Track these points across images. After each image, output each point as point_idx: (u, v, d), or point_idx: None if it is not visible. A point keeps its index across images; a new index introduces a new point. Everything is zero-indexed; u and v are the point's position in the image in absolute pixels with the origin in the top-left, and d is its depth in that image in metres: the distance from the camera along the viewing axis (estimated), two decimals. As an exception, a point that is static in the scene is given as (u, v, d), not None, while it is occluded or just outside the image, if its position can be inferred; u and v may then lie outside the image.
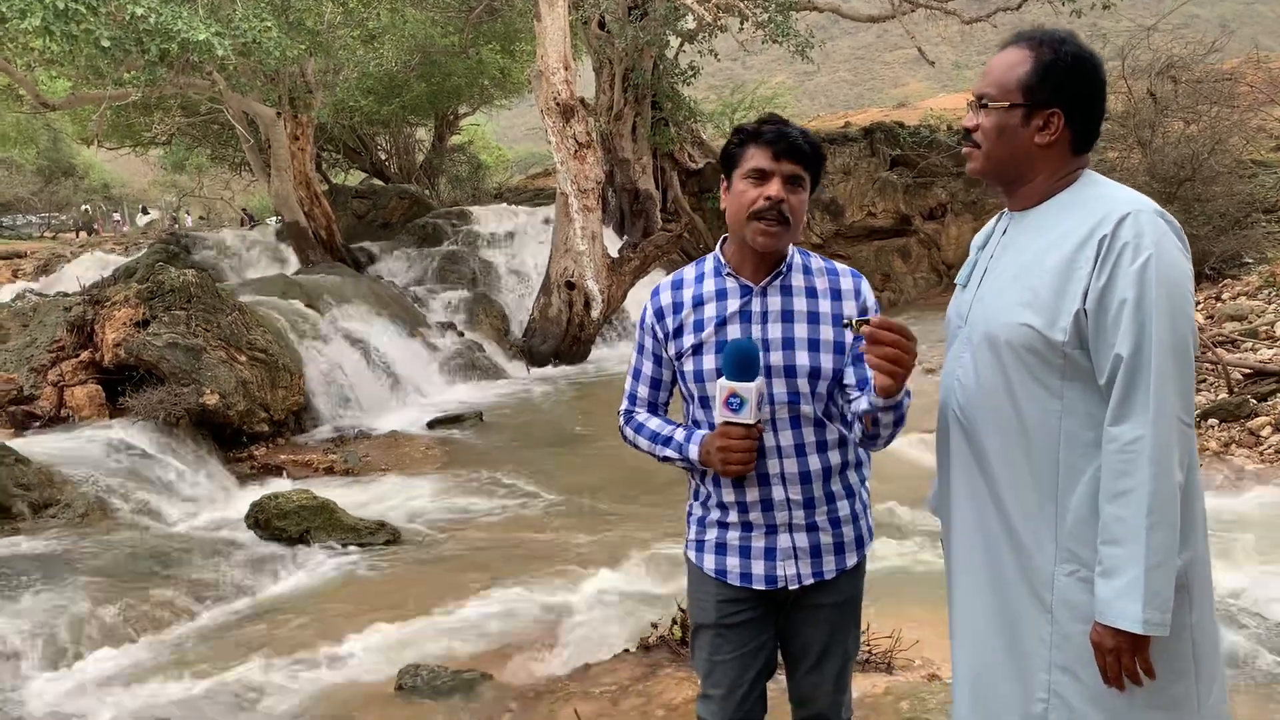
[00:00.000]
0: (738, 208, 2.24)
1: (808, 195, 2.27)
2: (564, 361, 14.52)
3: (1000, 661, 2.02)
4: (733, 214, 2.26)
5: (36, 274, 20.84)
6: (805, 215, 2.29)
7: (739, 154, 2.26)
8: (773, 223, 2.20)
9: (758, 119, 2.30)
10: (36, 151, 35.70)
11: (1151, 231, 1.84)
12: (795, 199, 2.22)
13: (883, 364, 1.97)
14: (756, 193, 2.20)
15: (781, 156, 2.20)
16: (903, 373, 1.98)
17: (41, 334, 9.59)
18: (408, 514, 7.40)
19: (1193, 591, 1.89)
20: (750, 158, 2.23)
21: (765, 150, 2.21)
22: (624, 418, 2.49)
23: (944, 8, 18.13)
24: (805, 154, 2.22)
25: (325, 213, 17.48)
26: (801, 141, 2.22)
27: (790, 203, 2.20)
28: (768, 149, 2.21)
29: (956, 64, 67.88)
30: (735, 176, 2.26)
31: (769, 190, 2.19)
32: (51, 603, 5.43)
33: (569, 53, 13.88)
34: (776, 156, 2.20)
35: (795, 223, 2.23)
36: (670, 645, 4.40)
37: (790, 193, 2.21)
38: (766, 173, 2.21)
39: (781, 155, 2.20)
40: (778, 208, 2.19)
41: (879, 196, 20.44)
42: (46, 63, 13.46)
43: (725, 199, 2.31)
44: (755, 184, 2.21)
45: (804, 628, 2.37)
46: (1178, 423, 1.81)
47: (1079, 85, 1.95)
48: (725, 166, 2.32)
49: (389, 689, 4.41)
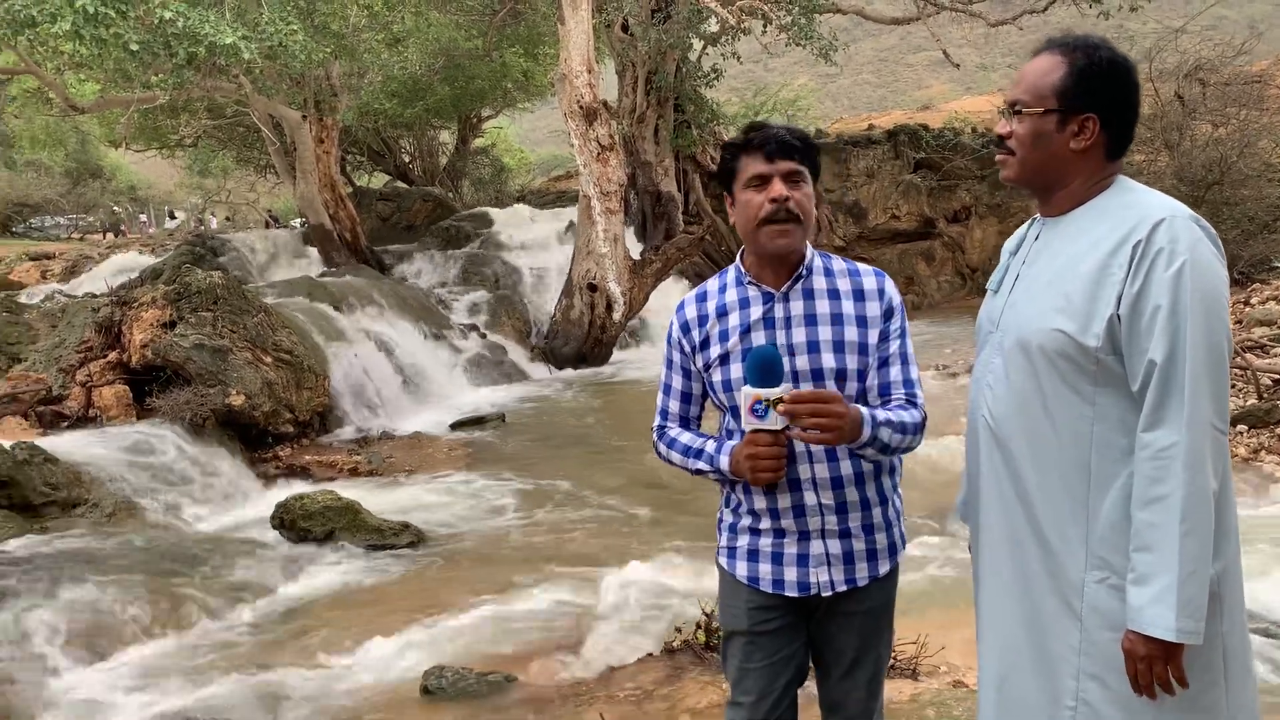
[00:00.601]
0: (746, 218, 2.26)
1: (811, 188, 2.29)
2: (586, 363, 14.54)
3: (1027, 668, 2.01)
4: (744, 225, 2.28)
5: (65, 275, 21.02)
6: (814, 209, 2.31)
7: (734, 167, 2.29)
8: (784, 222, 2.22)
9: (742, 130, 2.33)
10: (65, 154, 36.04)
11: (1186, 237, 1.82)
12: (800, 194, 2.24)
13: (811, 434, 2.11)
14: (761, 198, 2.22)
15: (775, 157, 2.23)
16: (834, 433, 2.10)
17: (70, 335, 9.68)
18: (431, 515, 7.42)
19: (1224, 600, 1.88)
20: (746, 168, 2.26)
21: (757, 156, 2.24)
22: (657, 434, 2.49)
23: (969, 10, 18.03)
24: (797, 149, 2.24)
25: (350, 215, 17.58)
26: (790, 138, 2.25)
27: (796, 198, 2.22)
28: (759, 154, 2.24)
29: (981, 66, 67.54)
30: (736, 190, 2.29)
31: (772, 192, 2.22)
32: (79, 601, 5.48)
33: (592, 56, 13.90)
34: (770, 158, 2.23)
35: (806, 218, 2.25)
36: (695, 649, 4.39)
37: (793, 189, 2.23)
38: (765, 176, 2.23)
39: (775, 156, 2.23)
40: (785, 206, 2.21)
41: (903, 199, 20.36)
42: (76, 66, 13.60)
43: (733, 214, 2.33)
44: (757, 190, 2.24)
45: (836, 635, 2.36)
46: (1212, 429, 1.80)
47: (1114, 90, 1.94)
48: (725, 184, 2.34)
49: (414, 691, 4.43)
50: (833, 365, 2.24)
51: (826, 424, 2.08)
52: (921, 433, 2.27)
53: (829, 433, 2.09)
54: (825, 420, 2.08)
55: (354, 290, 13.20)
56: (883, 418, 2.17)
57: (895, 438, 2.19)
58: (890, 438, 2.18)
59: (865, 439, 2.14)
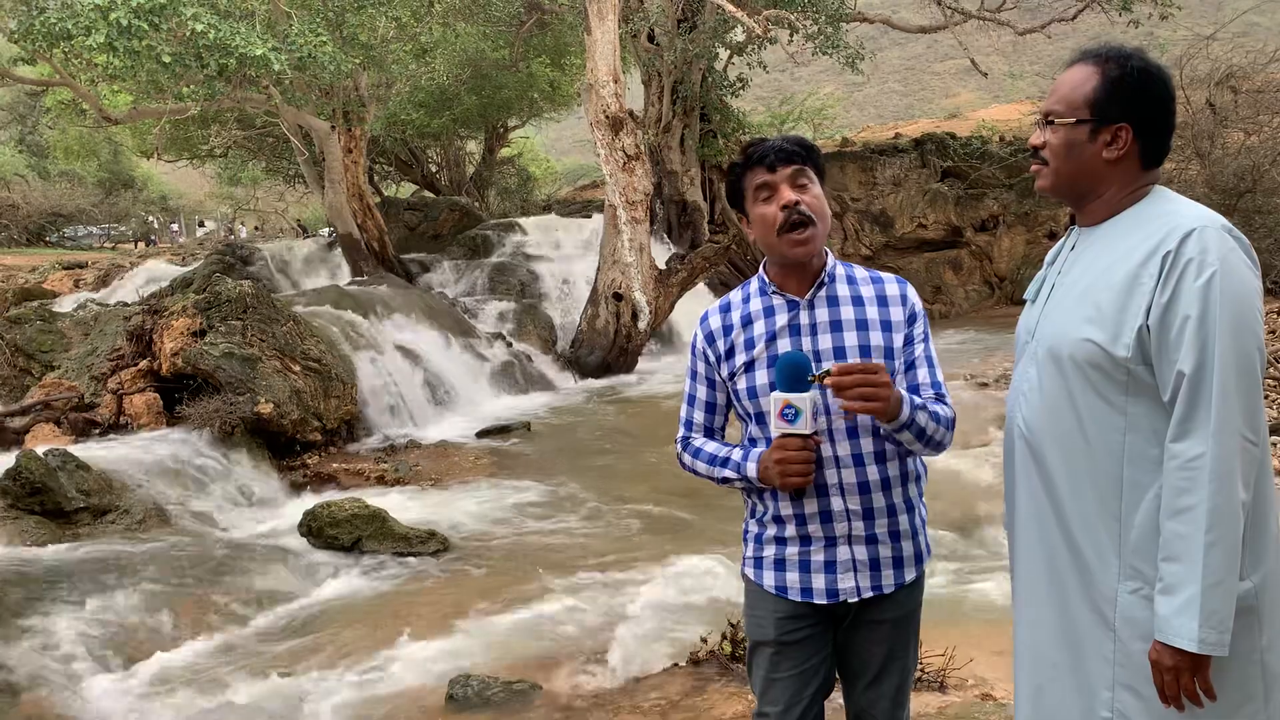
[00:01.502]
0: (764, 230, 2.29)
1: (820, 189, 2.31)
2: (611, 373, 14.54)
3: (1062, 678, 2.00)
4: (762, 239, 2.32)
5: (97, 284, 21.27)
6: (827, 209, 2.33)
7: (740, 186, 2.34)
8: (800, 227, 2.24)
9: (741, 150, 2.38)
10: (98, 164, 36.58)
11: (1217, 247, 1.81)
12: (809, 195, 2.26)
13: (854, 404, 2.11)
14: (773, 208, 2.25)
15: (776, 165, 2.26)
16: (879, 404, 2.11)
17: (102, 343, 9.80)
18: (457, 523, 7.44)
19: (1263, 614, 1.85)
20: (751, 182, 2.30)
21: (759, 169, 2.28)
22: (681, 444, 2.50)
23: (997, 19, 17.96)
24: (795, 153, 2.27)
25: (377, 224, 17.70)
26: (787, 145, 2.28)
27: (806, 200, 2.25)
28: (760, 167, 2.28)
29: (1009, 74, 67.20)
30: (748, 207, 2.33)
31: (782, 199, 2.25)
32: (109, 606, 5.54)
33: (618, 65, 13.94)
34: (771, 168, 2.27)
35: (820, 218, 2.27)
36: (720, 660, 4.38)
37: (801, 192, 2.26)
38: (771, 185, 2.26)
39: (776, 164, 2.26)
40: (797, 210, 2.23)
41: (930, 208, 20.26)
42: (109, 78, 13.77)
43: (751, 233, 2.36)
44: (767, 201, 2.27)
45: (863, 643, 2.36)
46: (1241, 440, 1.78)
47: (1147, 100, 1.94)
48: (737, 205, 2.38)
49: (440, 699, 4.44)
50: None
51: (873, 393, 2.09)
52: (952, 429, 2.30)
53: (875, 403, 2.10)
54: (872, 390, 2.09)
55: (381, 299, 13.28)
56: (920, 403, 2.21)
57: (931, 425, 2.22)
58: (926, 424, 2.21)
59: (904, 419, 2.17)
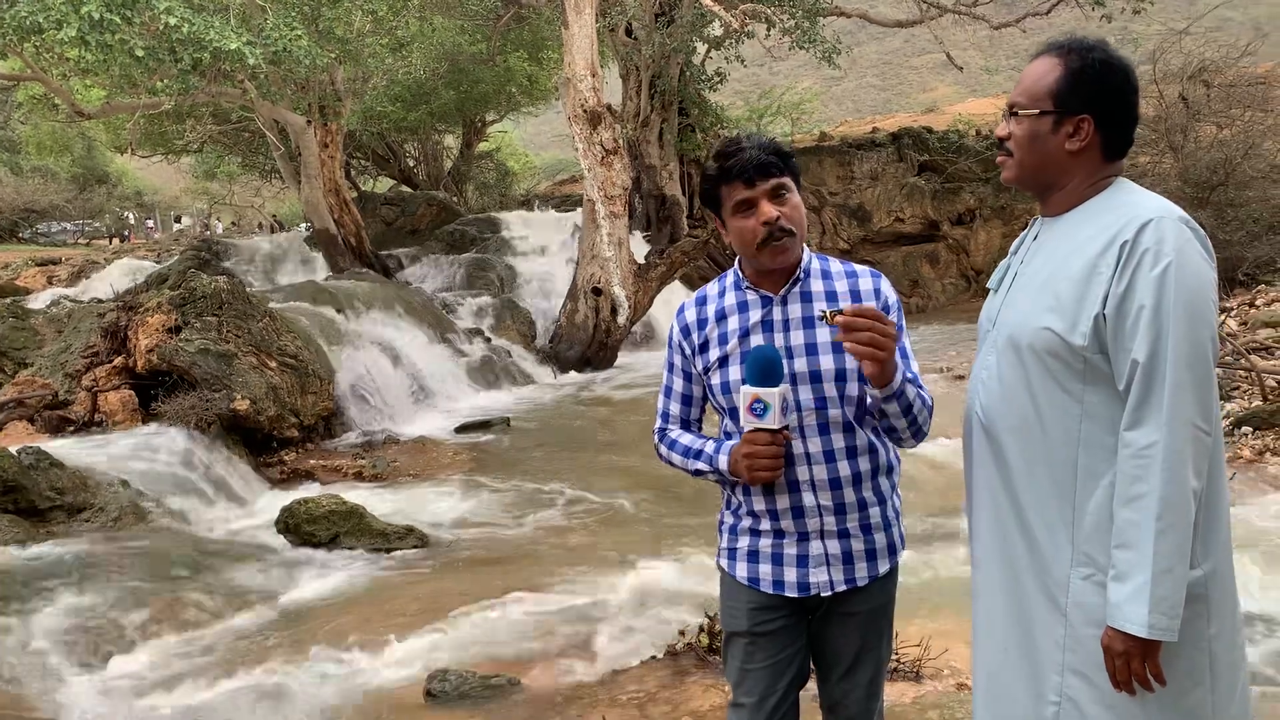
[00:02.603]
0: (743, 243, 2.28)
1: (798, 196, 2.30)
2: (590, 367, 14.55)
3: (1014, 662, 2.03)
4: (742, 249, 2.31)
5: (71, 280, 21.10)
6: (804, 215, 2.32)
7: (716, 196, 2.30)
8: (780, 239, 2.23)
9: (715, 155, 2.32)
10: (71, 159, 36.24)
11: (1173, 238, 1.84)
12: (788, 208, 2.25)
13: (860, 349, 2.06)
14: (752, 224, 2.24)
15: (755, 180, 2.23)
16: (884, 355, 2.06)
17: (76, 340, 9.71)
18: (435, 519, 7.43)
19: (1212, 602, 1.89)
20: (729, 196, 2.27)
21: (738, 183, 2.24)
22: (658, 436, 2.51)
23: (972, 13, 18.04)
24: (775, 165, 2.24)
25: (354, 219, 17.62)
26: (765, 157, 2.24)
27: (786, 214, 2.24)
28: (739, 181, 2.24)
29: (985, 69, 67.48)
30: (725, 216, 2.31)
31: (762, 215, 2.23)
32: (85, 605, 5.50)
33: (596, 60, 13.92)
34: (750, 182, 2.23)
35: (799, 228, 2.27)
36: (698, 652, 4.40)
37: (781, 205, 2.24)
38: (751, 201, 2.24)
39: (755, 179, 2.23)
40: (778, 226, 2.22)
41: (907, 202, 20.36)
42: (82, 72, 13.65)
43: (726, 237, 2.34)
44: (746, 216, 2.25)
45: (836, 635, 2.37)
46: (1193, 429, 1.80)
47: (1108, 91, 1.96)
48: (711, 208, 2.35)
49: (418, 694, 4.43)
50: (831, 366, 2.25)
51: (882, 342, 2.04)
52: (931, 416, 2.30)
53: (880, 352, 2.05)
54: (881, 339, 2.04)
55: (359, 295, 13.22)
56: (911, 375, 2.21)
57: (918, 403, 2.23)
58: (914, 399, 2.21)
59: (896, 387, 2.15)
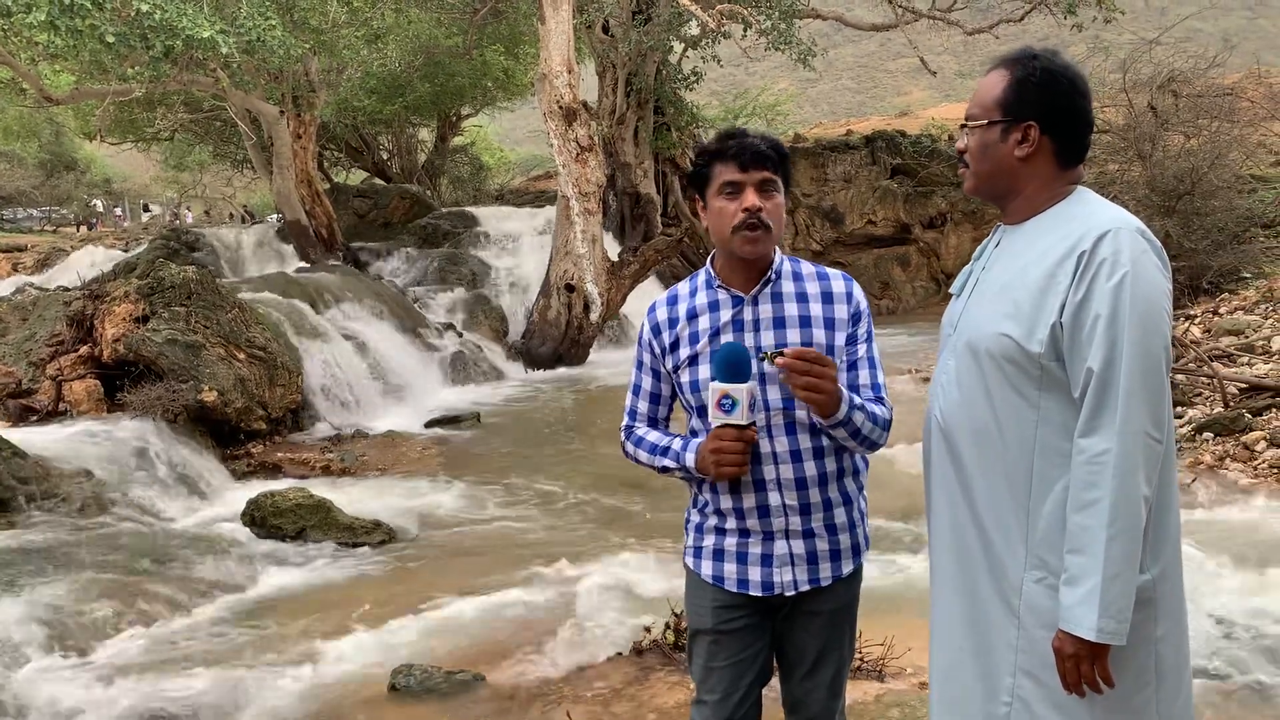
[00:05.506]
0: (720, 225, 2.30)
1: (783, 198, 2.33)
2: (563, 364, 14.54)
3: (968, 663, 2.06)
4: (716, 231, 2.32)
5: (37, 267, 20.84)
6: (785, 217, 2.36)
7: (707, 173, 2.33)
8: (755, 230, 2.26)
9: (717, 135, 2.36)
10: (39, 145, 35.70)
11: (1130, 249, 1.87)
12: (771, 204, 2.28)
13: (801, 393, 2.14)
14: (734, 206, 2.26)
15: (749, 166, 2.26)
16: (823, 397, 2.14)
17: (41, 328, 9.60)
18: (403, 513, 7.40)
19: (1160, 605, 1.93)
20: (719, 174, 2.29)
21: (732, 164, 2.28)
22: (625, 433, 2.53)
23: (947, 18, 18.17)
24: (771, 159, 2.28)
25: (326, 211, 17.50)
26: (765, 148, 2.28)
27: (767, 208, 2.27)
28: (734, 163, 2.27)
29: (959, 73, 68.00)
30: (709, 195, 2.33)
31: (745, 202, 2.26)
32: (47, 596, 5.44)
33: (572, 56, 13.91)
34: (744, 167, 2.26)
35: (776, 226, 2.30)
36: (663, 649, 4.42)
37: (765, 198, 2.27)
38: (739, 185, 2.27)
39: (749, 165, 2.26)
40: (757, 215, 2.25)
41: (879, 205, 20.48)
42: (51, 57, 13.48)
43: (704, 218, 2.37)
44: (730, 198, 2.27)
45: (800, 634, 2.40)
46: (1145, 438, 1.84)
47: (1051, 97, 2.00)
48: (697, 188, 2.37)
49: (382, 689, 4.43)
50: None
51: (818, 385, 2.12)
52: (888, 430, 2.33)
53: (819, 395, 2.13)
54: (818, 383, 2.12)
55: (329, 287, 13.14)
56: (859, 403, 2.24)
57: (867, 425, 2.25)
58: (862, 424, 2.24)
59: (840, 417, 2.19)
